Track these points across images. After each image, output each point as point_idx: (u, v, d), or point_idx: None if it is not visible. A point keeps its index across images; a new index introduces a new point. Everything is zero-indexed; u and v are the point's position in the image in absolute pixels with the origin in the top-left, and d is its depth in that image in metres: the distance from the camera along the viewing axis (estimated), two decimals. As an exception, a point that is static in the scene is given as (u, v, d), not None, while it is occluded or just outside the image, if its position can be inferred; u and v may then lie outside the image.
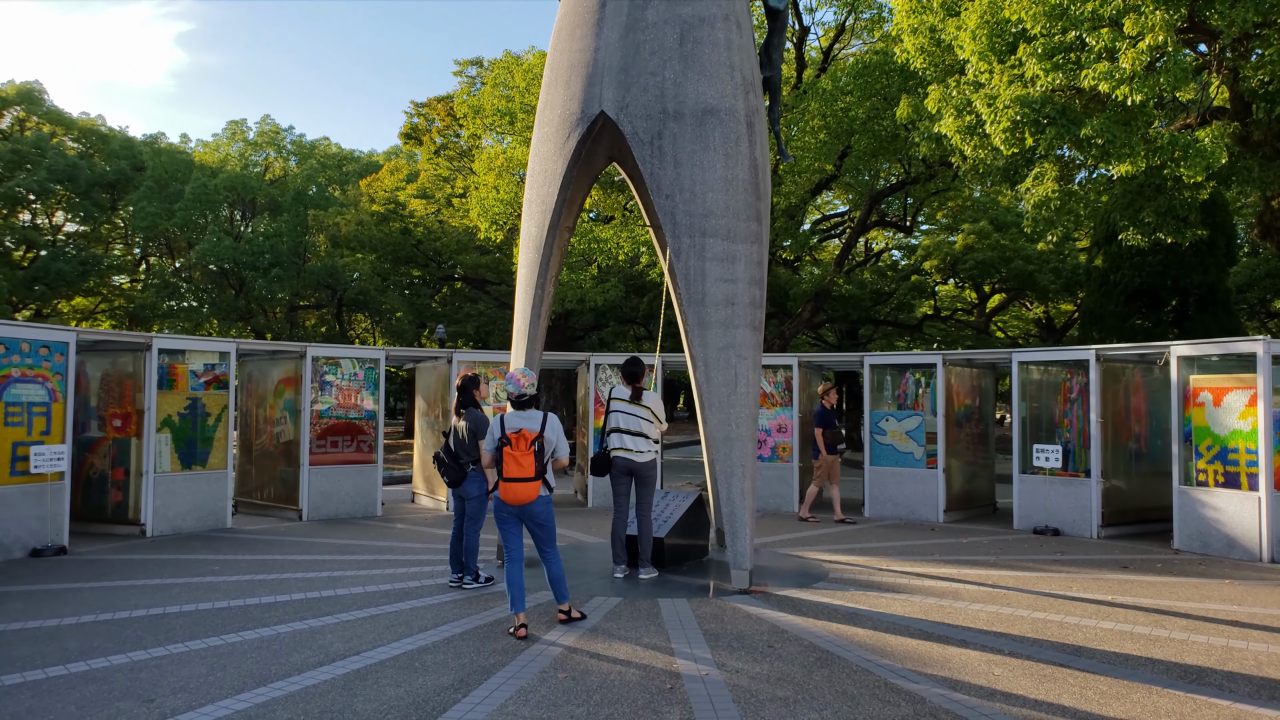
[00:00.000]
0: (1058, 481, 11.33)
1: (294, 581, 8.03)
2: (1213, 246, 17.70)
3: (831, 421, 12.38)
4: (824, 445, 12.24)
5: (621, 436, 8.17)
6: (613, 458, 8.18)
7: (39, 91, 31.22)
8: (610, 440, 8.23)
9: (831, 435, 12.27)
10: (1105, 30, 9.73)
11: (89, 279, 30.60)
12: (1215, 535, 9.73)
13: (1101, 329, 18.85)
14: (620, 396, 8.29)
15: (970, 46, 10.97)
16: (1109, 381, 11.29)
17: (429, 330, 33.64)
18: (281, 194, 33.72)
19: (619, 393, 8.33)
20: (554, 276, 8.81)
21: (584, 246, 19.83)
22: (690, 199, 7.82)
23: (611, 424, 8.25)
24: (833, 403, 12.55)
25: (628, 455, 8.13)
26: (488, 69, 27.78)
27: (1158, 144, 10.29)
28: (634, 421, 8.17)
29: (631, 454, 8.13)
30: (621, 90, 7.99)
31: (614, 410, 8.27)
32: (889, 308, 29.05)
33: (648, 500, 8.24)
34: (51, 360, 9.65)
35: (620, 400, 8.28)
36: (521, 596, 6.26)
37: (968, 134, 11.49)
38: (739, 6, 8.42)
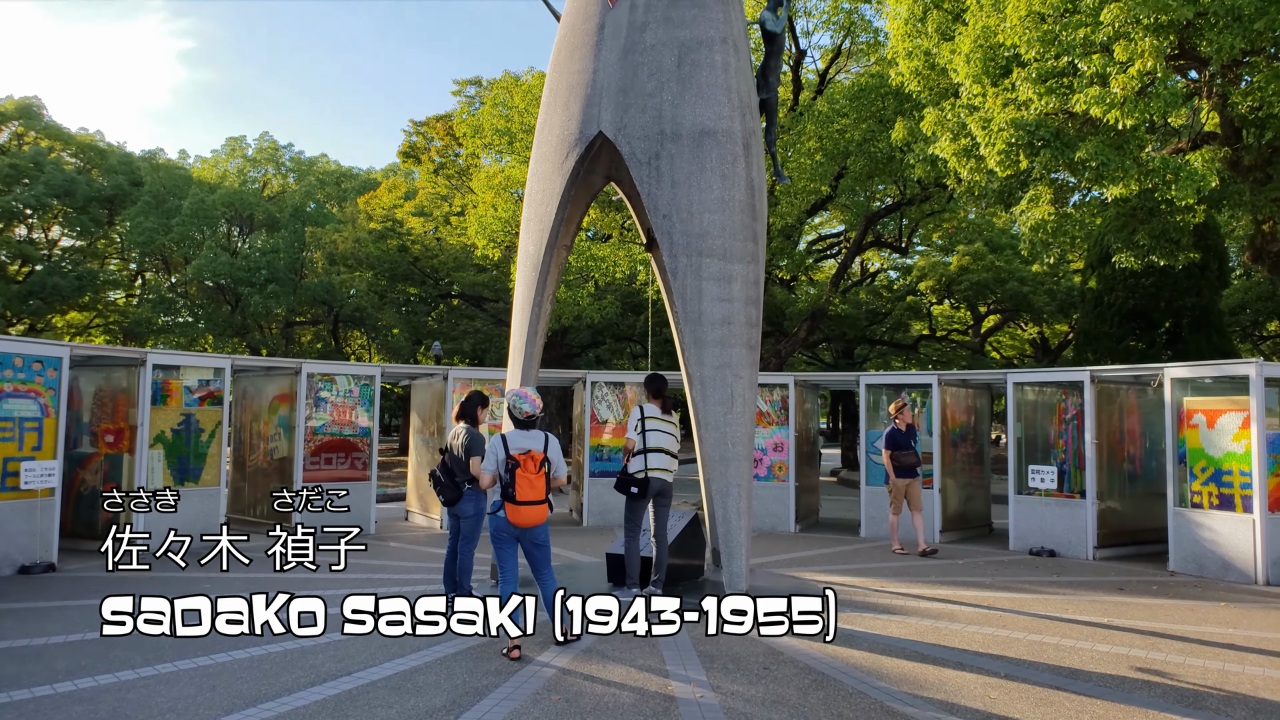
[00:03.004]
0: (1053, 502, 11.33)
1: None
2: (1205, 269, 17.79)
3: (902, 442, 11.38)
4: (890, 469, 11.46)
5: (660, 456, 7.86)
6: (650, 478, 7.83)
7: (38, 107, 31.29)
8: (651, 460, 7.85)
9: (900, 457, 11.34)
10: (1097, 56, 9.82)
11: (84, 294, 30.56)
12: (1210, 557, 9.73)
13: (1096, 350, 18.91)
14: (653, 414, 7.96)
15: (964, 70, 11.06)
16: (1104, 403, 11.31)
17: (425, 347, 33.63)
18: (279, 210, 33.79)
19: (650, 410, 7.99)
20: (551, 294, 8.83)
21: (581, 264, 19.87)
22: (687, 219, 7.85)
23: (652, 443, 7.87)
24: (907, 422, 11.51)
25: (662, 475, 7.83)
26: (487, 89, 27.91)
27: (1150, 167, 10.36)
28: (669, 440, 7.94)
29: (665, 474, 7.85)
30: (620, 111, 8.04)
31: (651, 430, 7.89)
32: (885, 327, 29.12)
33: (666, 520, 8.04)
34: (45, 375, 9.62)
35: (655, 418, 7.94)
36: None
37: (963, 156, 11.56)
38: (736, 30, 8.49)
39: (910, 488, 11.36)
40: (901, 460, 11.32)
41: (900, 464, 11.32)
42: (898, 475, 11.36)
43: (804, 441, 14.01)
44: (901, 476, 11.35)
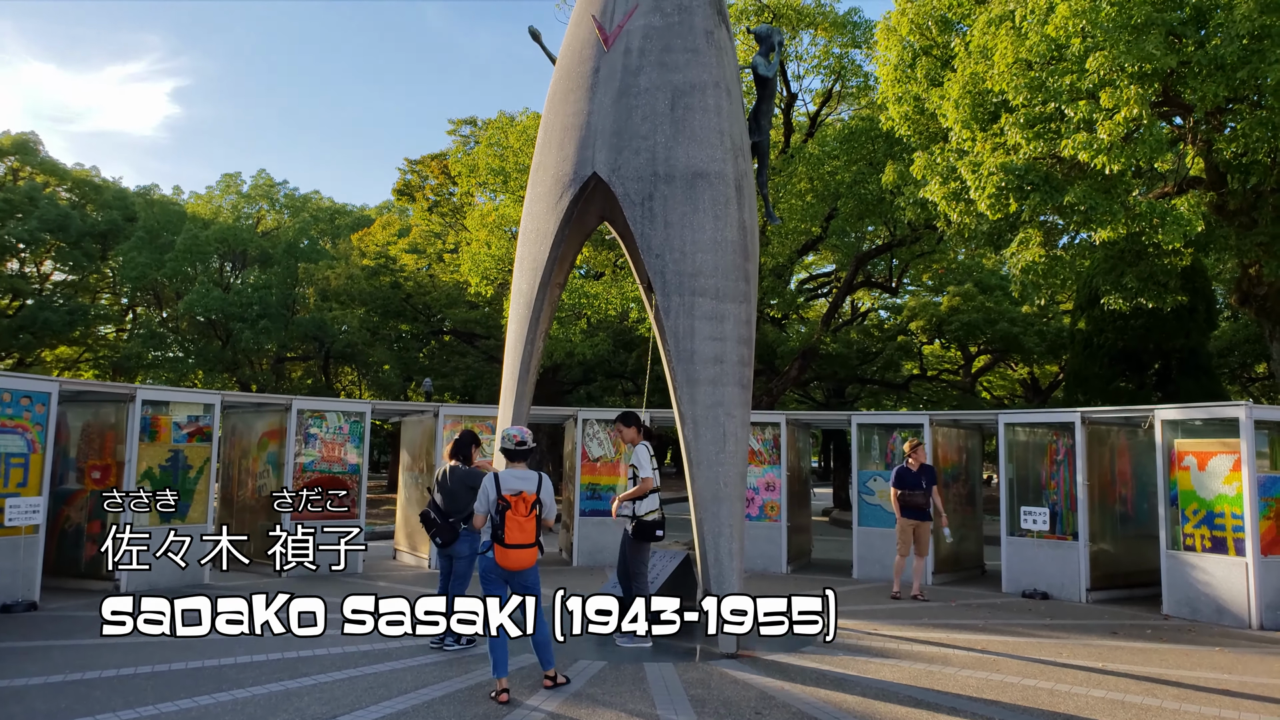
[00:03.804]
0: (1046, 544, 11.29)
1: (272, 641, 7.86)
2: (1193, 311, 17.95)
3: (910, 481, 11.05)
4: (896, 507, 11.18)
5: (657, 494, 7.83)
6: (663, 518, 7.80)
7: (34, 142, 31.44)
8: (656, 499, 7.80)
9: (907, 497, 11.02)
10: (1083, 102, 10.01)
11: (75, 328, 30.46)
12: (1204, 601, 9.69)
13: (1086, 391, 19.00)
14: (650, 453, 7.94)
15: (954, 115, 11.24)
16: (1095, 444, 11.33)
17: (416, 384, 33.56)
18: (273, 246, 33.85)
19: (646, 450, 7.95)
20: (544, 333, 8.84)
21: (574, 301, 19.93)
22: (680, 259, 7.90)
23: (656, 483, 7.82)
24: (919, 461, 11.12)
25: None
26: (482, 128, 28.21)
27: (1137, 211, 10.51)
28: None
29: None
30: (614, 153, 8.12)
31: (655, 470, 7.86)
32: (876, 367, 29.19)
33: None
34: (32, 411, 9.54)
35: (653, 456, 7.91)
36: (504, 660, 6.14)
37: (953, 199, 11.70)
38: (729, 74, 8.62)
39: (918, 530, 11.05)
40: (908, 500, 11.02)
41: (906, 504, 11.03)
42: (904, 515, 11.06)
43: (796, 481, 13.97)
44: (908, 517, 11.05)
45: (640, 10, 8.47)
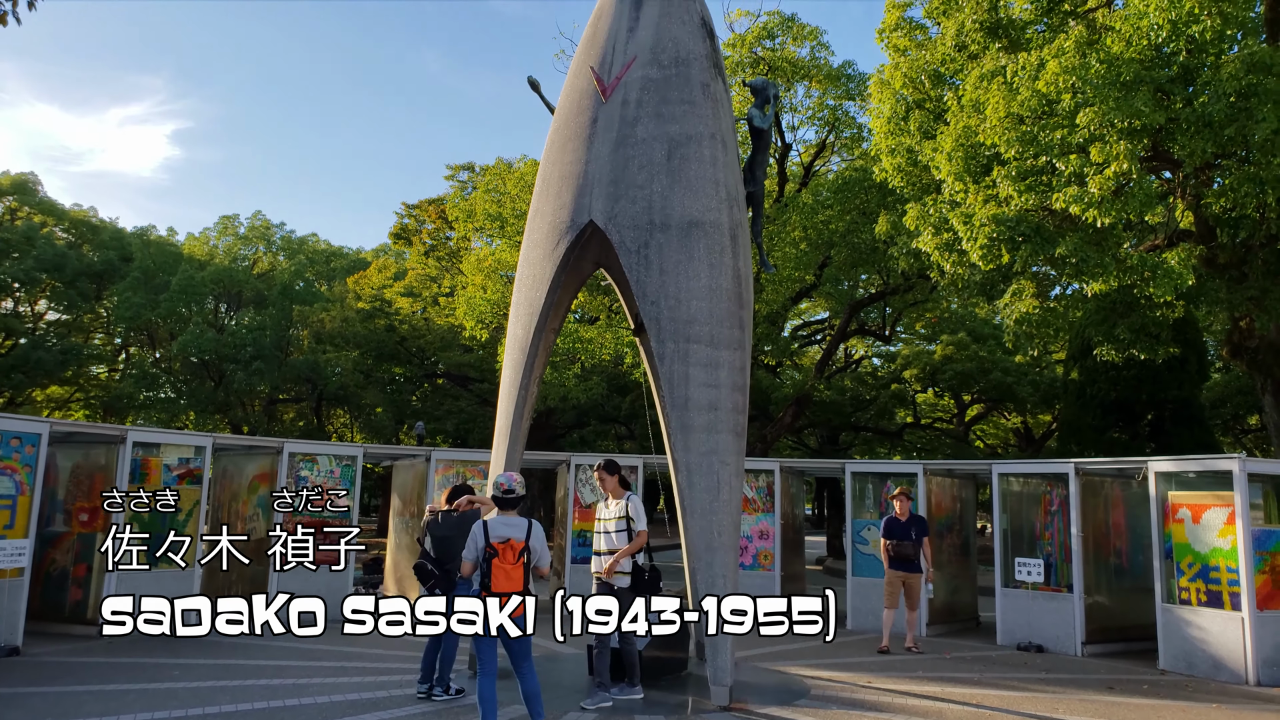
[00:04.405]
0: (1040, 596, 11.20)
1: (257, 689, 7.73)
2: (1185, 363, 18.04)
3: (900, 532, 10.80)
4: (885, 560, 10.91)
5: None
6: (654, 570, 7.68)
7: (33, 183, 31.65)
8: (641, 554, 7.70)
9: (896, 548, 10.76)
10: (1074, 156, 10.16)
11: (68, 368, 30.35)
12: (1200, 656, 9.59)
13: (1080, 441, 19.00)
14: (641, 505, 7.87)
15: (946, 167, 11.39)
16: (1088, 495, 11.30)
17: (408, 427, 33.42)
18: (268, 288, 33.91)
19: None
20: (538, 377, 8.85)
21: (568, 345, 19.96)
22: (675, 306, 7.95)
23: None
24: (903, 511, 10.92)
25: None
26: (480, 174, 28.51)
27: (1129, 264, 10.61)
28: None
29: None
30: (610, 201, 8.21)
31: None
32: (869, 414, 29.21)
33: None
34: (22, 452, 9.46)
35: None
36: (494, 712, 6.03)
37: (946, 250, 11.81)
38: (725, 125, 8.75)
39: (908, 582, 10.80)
40: (897, 550, 10.79)
41: (895, 554, 10.81)
42: (892, 567, 10.82)
43: (789, 529, 13.89)
44: (896, 568, 10.81)
45: (638, 63, 8.62)
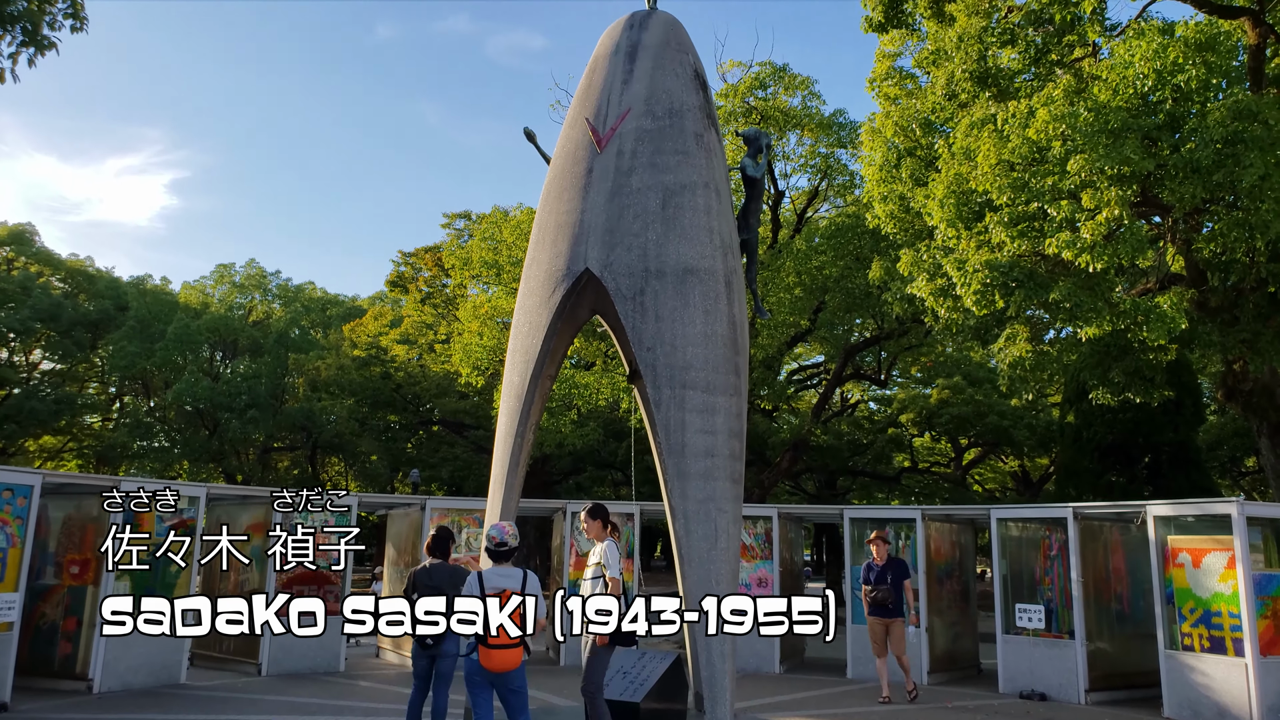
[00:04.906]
0: (1042, 643, 11.07)
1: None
2: (1180, 406, 18.10)
3: (877, 577, 10.52)
4: (866, 607, 10.66)
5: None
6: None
7: (30, 233, 31.86)
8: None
9: (875, 594, 10.45)
10: (1065, 202, 10.29)
11: (61, 418, 30.23)
12: (1205, 703, 9.46)
13: (1077, 485, 18.96)
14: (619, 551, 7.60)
15: (939, 214, 11.52)
16: (1088, 539, 11.23)
17: (403, 474, 33.25)
18: (264, 336, 33.97)
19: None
20: (534, 424, 8.83)
21: (564, 391, 19.98)
22: (671, 352, 7.97)
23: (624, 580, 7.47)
24: (880, 556, 10.64)
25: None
26: (476, 222, 28.77)
27: (1121, 309, 10.68)
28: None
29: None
30: (606, 249, 8.27)
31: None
32: (867, 458, 29.15)
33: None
34: (14, 504, 9.37)
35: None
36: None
37: (940, 295, 11.89)
38: (718, 174, 8.86)
39: (890, 628, 10.48)
40: (872, 597, 10.47)
41: (871, 600, 10.48)
42: (871, 614, 10.55)
43: (788, 576, 13.75)
44: (875, 614, 10.51)
45: (633, 114, 8.75)
